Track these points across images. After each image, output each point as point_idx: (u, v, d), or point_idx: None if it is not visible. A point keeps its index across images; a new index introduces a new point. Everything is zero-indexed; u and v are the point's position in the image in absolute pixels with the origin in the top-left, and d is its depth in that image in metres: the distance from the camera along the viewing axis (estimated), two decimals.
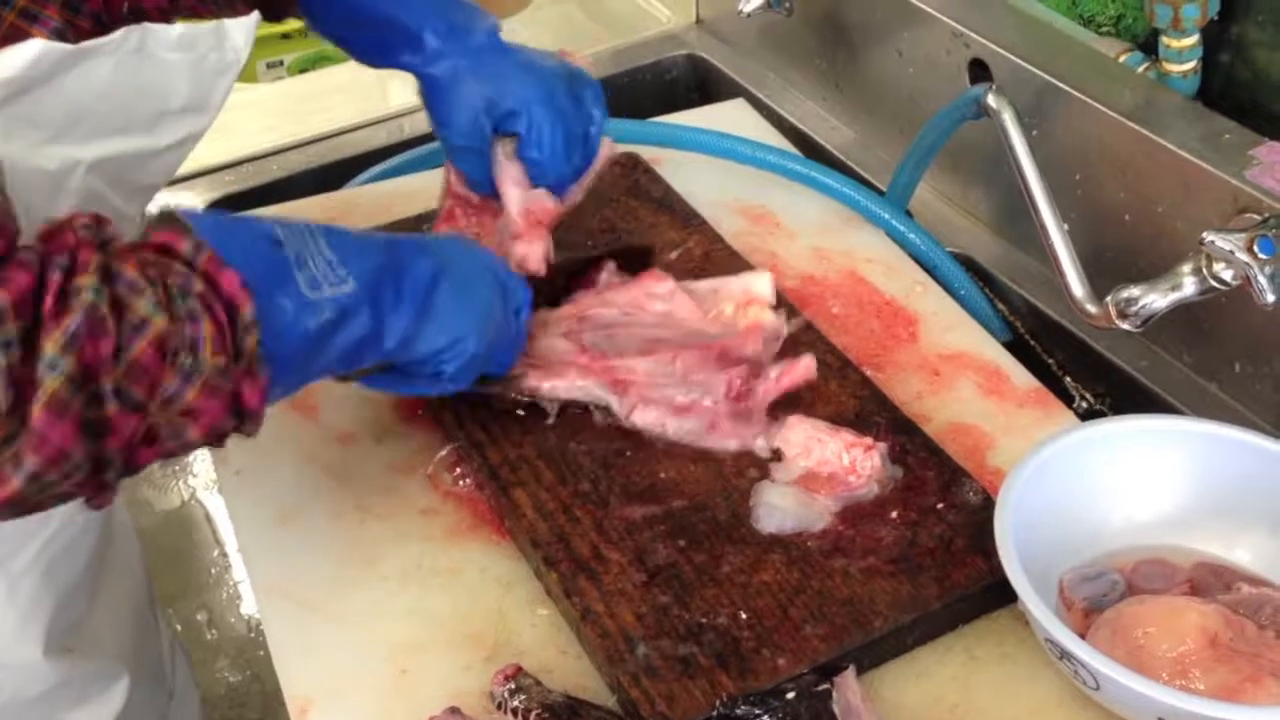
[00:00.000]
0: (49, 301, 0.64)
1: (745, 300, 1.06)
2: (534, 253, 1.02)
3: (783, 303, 1.08)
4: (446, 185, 1.08)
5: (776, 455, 0.96)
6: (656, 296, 1.05)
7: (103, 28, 0.85)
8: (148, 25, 0.84)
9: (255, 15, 0.90)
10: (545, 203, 1.03)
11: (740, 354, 0.99)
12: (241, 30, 0.88)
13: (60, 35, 0.81)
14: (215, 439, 0.73)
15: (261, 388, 0.73)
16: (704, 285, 1.08)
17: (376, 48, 1.05)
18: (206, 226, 0.74)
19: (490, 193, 1.04)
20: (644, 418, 0.97)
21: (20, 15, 0.80)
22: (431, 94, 1.04)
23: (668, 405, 0.97)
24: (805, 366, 1.00)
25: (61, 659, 1.02)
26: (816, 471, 0.93)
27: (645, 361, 0.99)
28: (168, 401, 0.68)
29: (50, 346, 0.63)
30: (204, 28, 0.87)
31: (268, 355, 0.73)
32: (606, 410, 0.98)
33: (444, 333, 0.86)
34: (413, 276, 0.84)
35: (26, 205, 0.80)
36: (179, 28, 0.85)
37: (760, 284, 1.07)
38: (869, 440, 0.94)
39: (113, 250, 0.68)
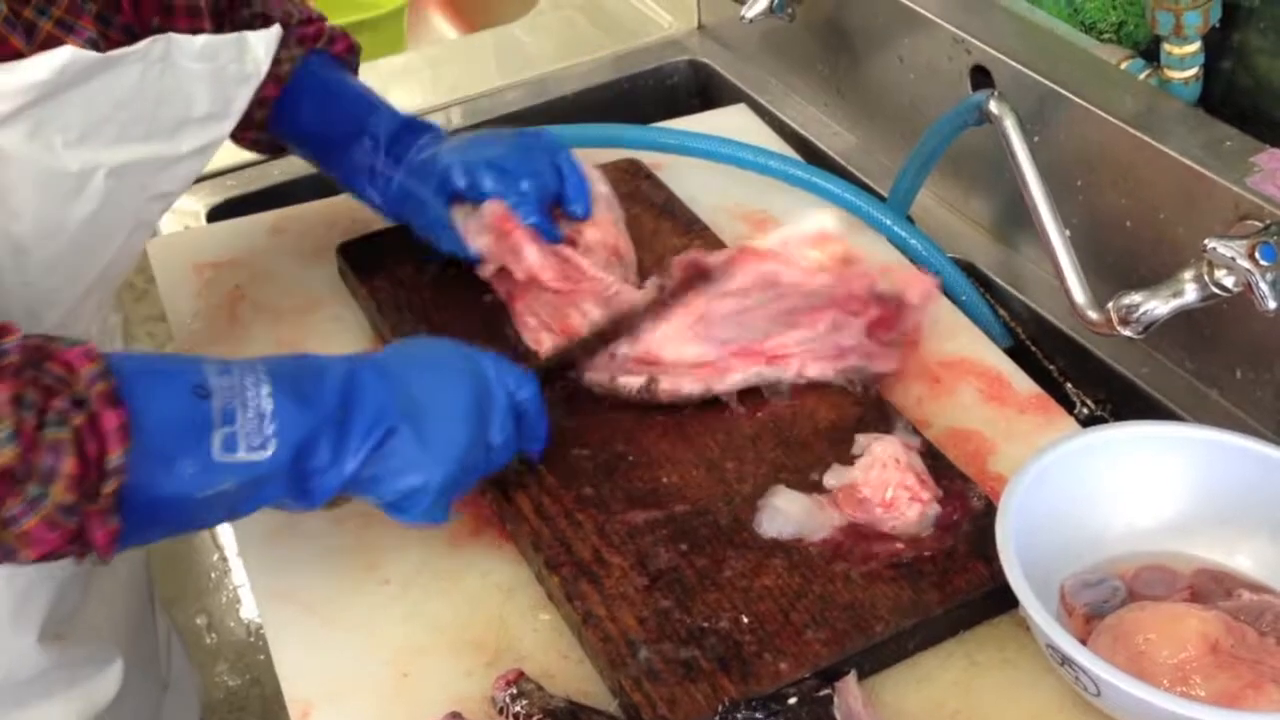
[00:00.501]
0: None
1: (821, 241, 1.05)
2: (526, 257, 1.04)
3: None
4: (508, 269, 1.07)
5: (850, 461, 0.95)
6: (765, 275, 1.02)
7: (133, 39, 0.86)
8: (172, 36, 0.85)
9: (276, 28, 0.92)
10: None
11: (865, 296, 1.01)
12: (263, 42, 0.91)
13: (94, 45, 0.83)
14: (55, 559, 0.72)
15: (112, 533, 0.71)
16: (773, 240, 1.05)
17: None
18: (131, 370, 0.72)
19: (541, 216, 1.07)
20: (815, 371, 1.01)
21: (57, 25, 0.82)
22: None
23: (829, 357, 1.01)
24: (924, 280, 1.04)
25: (53, 645, 1.03)
26: (858, 488, 0.92)
27: (794, 334, 1.00)
28: (4, 523, 0.68)
29: None
30: (225, 39, 0.89)
31: (144, 506, 0.72)
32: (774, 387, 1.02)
33: (393, 488, 0.82)
34: (360, 431, 0.80)
35: (44, 205, 0.82)
36: (202, 39, 0.87)
37: (827, 221, 1.06)
38: (926, 495, 0.91)
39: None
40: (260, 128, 1.11)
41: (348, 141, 1.11)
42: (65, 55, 0.78)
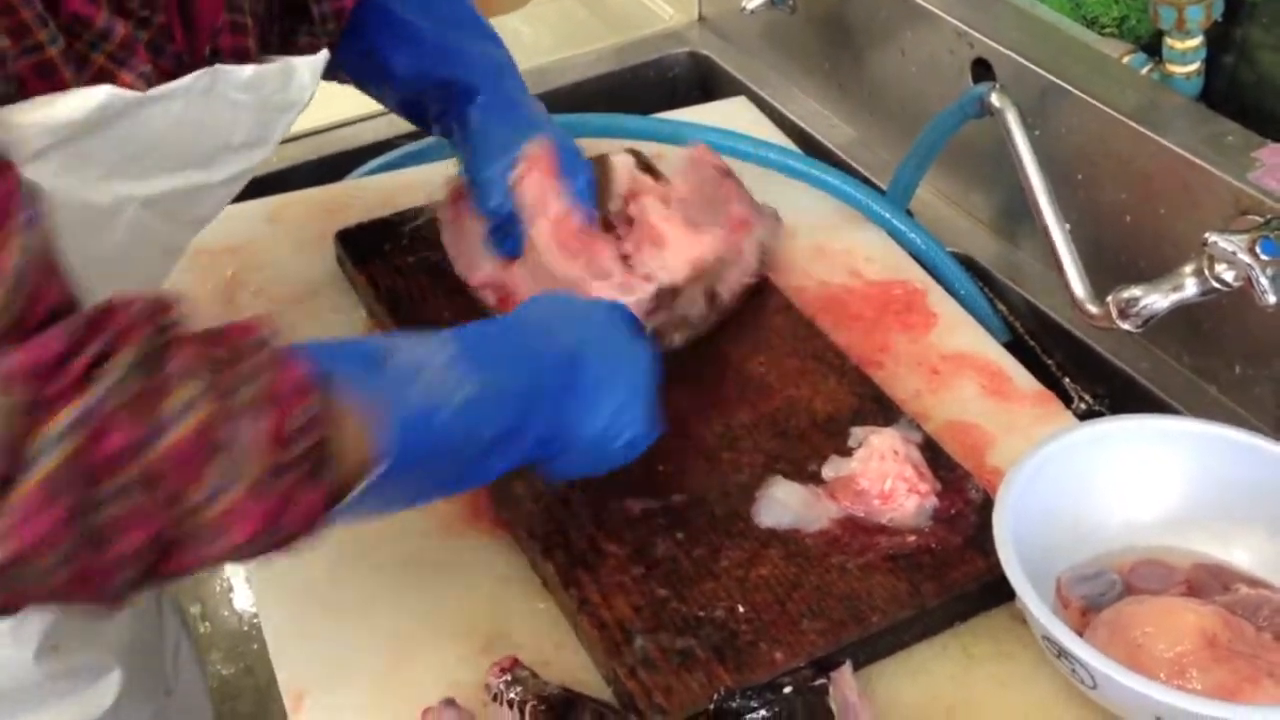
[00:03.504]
0: (70, 374, 0.57)
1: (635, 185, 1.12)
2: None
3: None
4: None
5: (848, 453, 0.95)
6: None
7: (184, 69, 0.84)
8: (219, 67, 0.82)
9: (324, 53, 0.89)
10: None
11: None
12: (310, 69, 0.87)
13: (146, 79, 0.80)
14: (262, 551, 0.65)
15: (317, 501, 0.65)
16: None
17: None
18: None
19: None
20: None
21: (109, 59, 0.78)
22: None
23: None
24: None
25: (50, 655, 1.01)
26: (856, 479, 0.92)
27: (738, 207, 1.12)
28: (199, 506, 0.60)
29: (54, 424, 0.56)
30: (272, 67, 0.85)
31: (387, 453, 0.68)
32: None
33: (599, 413, 0.81)
34: (551, 360, 0.80)
35: (72, 239, 0.77)
36: (249, 69, 0.84)
37: (624, 160, 1.15)
38: (925, 488, 0.91)
39: (170, 335, 0.61)
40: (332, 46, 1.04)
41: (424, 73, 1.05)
42: (103, 94, 0.75)
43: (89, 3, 0.76)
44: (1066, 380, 1.17)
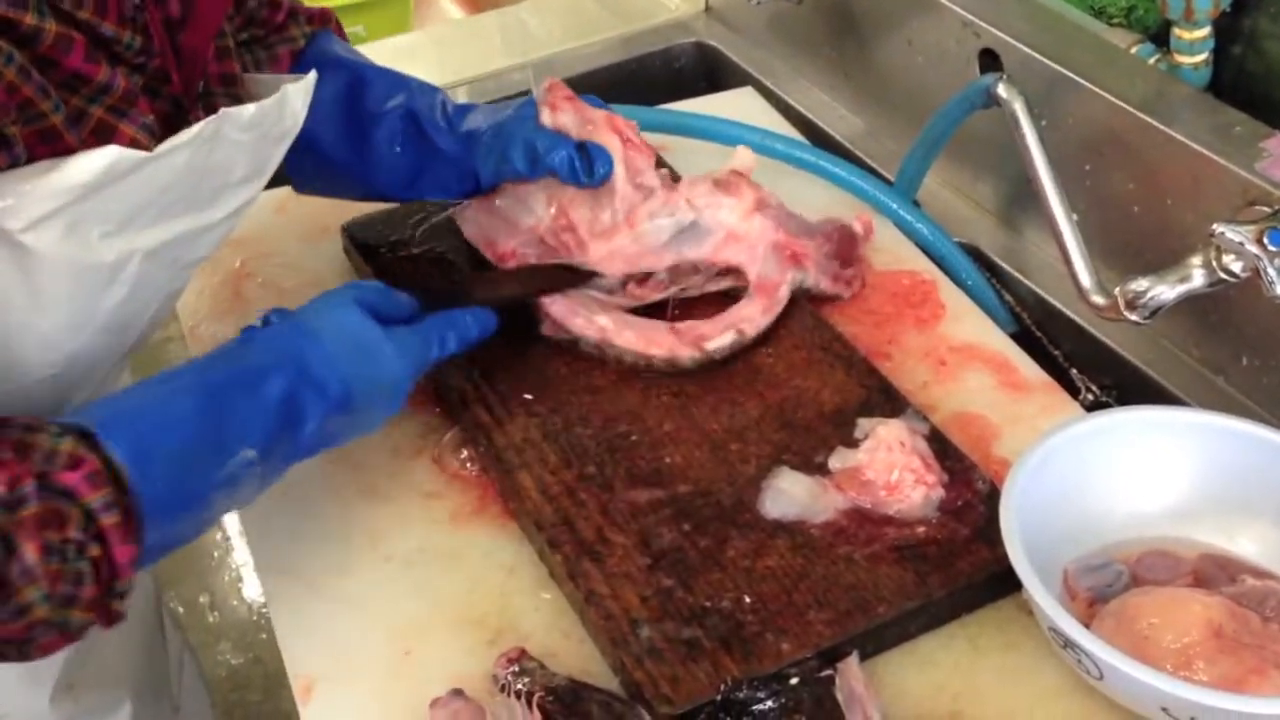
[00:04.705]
0: None
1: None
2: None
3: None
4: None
5: (854, 444, 0.95)
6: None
7: (180, 110, 0.84)
8: (225, 112, 0.81)
9: (313, 75, 0.88)
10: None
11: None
12: (301, 94, 0.87)
13: (148, 130, 0.79)
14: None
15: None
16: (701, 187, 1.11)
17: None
18: (127, 440, 0.72)
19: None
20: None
21: (109, 111, 0.78)
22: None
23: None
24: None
25: (65, 698, 1.01)
26: (863, 470, 0.92)
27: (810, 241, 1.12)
28: (22, 643, 0.70)
29: None
30: (270, 102, 0.84)
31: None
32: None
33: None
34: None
35: (76, 299, 0.78)
36: (251, 108, 0.83)
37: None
38: (932, 479, 0.91)
39: (20, 516, 0.67)
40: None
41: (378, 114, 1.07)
42: (110, 155, 0.74)
43: (88, 60, 0.75)
44: (1074, 371, 1.17)
